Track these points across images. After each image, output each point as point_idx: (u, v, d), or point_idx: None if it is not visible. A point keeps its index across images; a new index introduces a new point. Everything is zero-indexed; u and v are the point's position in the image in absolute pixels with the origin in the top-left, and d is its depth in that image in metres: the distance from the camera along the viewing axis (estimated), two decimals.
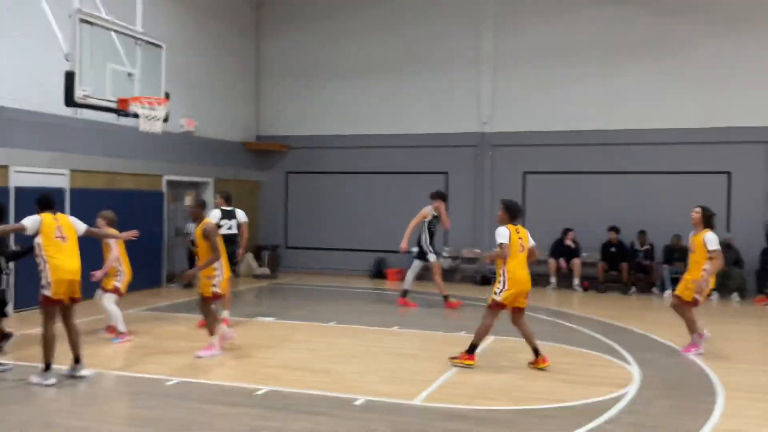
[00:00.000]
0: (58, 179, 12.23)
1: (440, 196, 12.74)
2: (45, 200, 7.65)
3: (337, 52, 17.77)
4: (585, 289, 15.32)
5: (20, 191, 11.25)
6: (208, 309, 8.53)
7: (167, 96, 10.33)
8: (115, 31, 9.59)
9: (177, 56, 13.79)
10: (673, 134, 15.32)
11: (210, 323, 8.53)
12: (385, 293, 14.92)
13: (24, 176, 11.50)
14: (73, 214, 12.15)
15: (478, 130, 16.77)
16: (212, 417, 6.18)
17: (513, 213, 7.96)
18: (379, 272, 17.11)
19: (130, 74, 9.89)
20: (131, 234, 8.92)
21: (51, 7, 9.36)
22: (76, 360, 7.39)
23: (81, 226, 7.78)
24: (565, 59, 16.08)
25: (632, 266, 15.25)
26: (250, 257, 17.12)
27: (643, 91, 15.52)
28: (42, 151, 11.88)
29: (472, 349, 7.99)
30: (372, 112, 17.52)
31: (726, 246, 14.78)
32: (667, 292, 14.85)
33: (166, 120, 10.14)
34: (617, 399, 6.80)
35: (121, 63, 9.72)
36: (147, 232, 14.04)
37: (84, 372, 7.38)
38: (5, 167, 11.20)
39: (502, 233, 7.80)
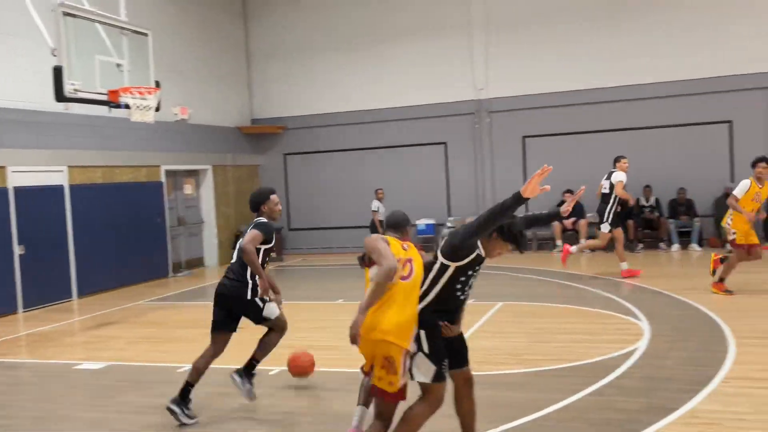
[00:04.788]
0: (57, 176, 12.18)
1: None
2: None
3: (326, 27, 17.57)
4: (592, 250, 15.25)
5: (19, 191, 11.26)
6: None
7: (157, 84, 10.24)
8: (99, 21, 9.48)
9: (165, 44, 13.68)
10: (672, 87, 15.14)
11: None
12: None
13: (21, 176, 11.45)
14: (73, 210, 12.27)
15: (474, 98, 16.62)
16: (232, 398, 6.17)
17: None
18: None
19: (118, 65, 9.81)
20: None
21: (33, 3, 9.25)
22: None
23: None
24: (557, 19, 15.86)
25: (639, 222, 15.19)
26: None
27: (638, 45, 15.30)
28: (39, 149, 11.82)
29: None
30: (366, 87, 17.36)
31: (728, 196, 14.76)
32: (675, 246, 14.83)
33: (157, 109, 10.05)
34: (629, 354, 6.79)
35: (109, 54, 9.62)
36: (149, 223, 14.15)
37: None
38: (2, 168, 11.15)
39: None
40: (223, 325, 5.79)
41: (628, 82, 15.38)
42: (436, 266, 4.28)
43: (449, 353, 4.33)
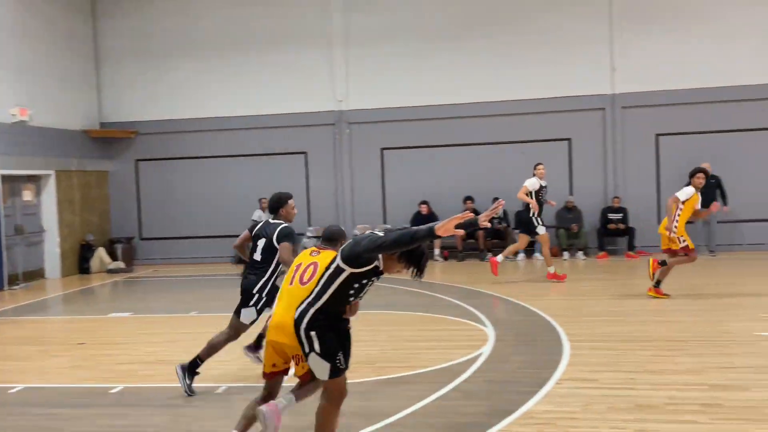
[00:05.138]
0: None
1: None
2: None
3: (183, 31, 17.05)
4: (445, 258, 15.87)
5: None
6: None
7: None
8: None
9: (3, 40, 12.75)
10: (517, 105, 16.04)
11: None
12: None
13: None
14: None
15: (335, 108, 16.78)
16: (63, 421, 5.82)
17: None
18: (243, 258, 16.77)
19: None
20: None
21: None
22: None
23: None
24: (415, 35, 16.37)
25: (487, 233, 15.94)
26: (101, 252, 16.23)
27: (485, 65, 16.08)
28: None
29: None
30: (224, 94, 16.99)
31: (568, 209, 15.89)
32: (521, 256, 15.70)
33: None
34: (474, 359, 7.12)
35: None
36: None
37: None
38: None
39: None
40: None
41: (476, 99, 16.12)
42: (333, 266, 4.33)
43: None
